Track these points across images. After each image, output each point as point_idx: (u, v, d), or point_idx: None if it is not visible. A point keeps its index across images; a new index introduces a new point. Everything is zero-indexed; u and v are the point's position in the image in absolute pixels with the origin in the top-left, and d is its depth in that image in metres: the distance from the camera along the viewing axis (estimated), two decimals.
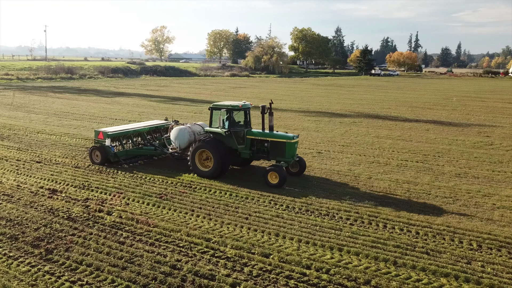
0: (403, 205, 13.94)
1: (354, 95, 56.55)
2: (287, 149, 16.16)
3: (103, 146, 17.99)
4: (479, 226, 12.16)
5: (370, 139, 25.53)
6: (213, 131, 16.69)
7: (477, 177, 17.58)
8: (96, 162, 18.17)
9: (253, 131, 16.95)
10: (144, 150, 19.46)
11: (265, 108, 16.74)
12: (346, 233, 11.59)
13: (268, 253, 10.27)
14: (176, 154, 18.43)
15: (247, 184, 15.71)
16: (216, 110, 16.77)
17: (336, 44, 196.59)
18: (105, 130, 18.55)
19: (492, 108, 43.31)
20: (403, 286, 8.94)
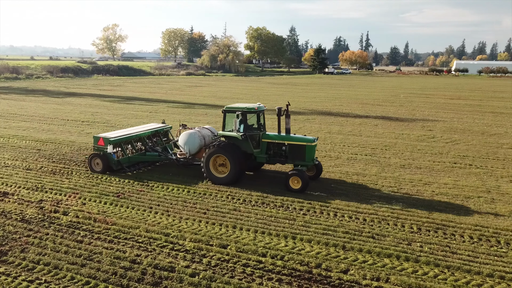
0: (352, 195, 14.88)
1: (308, 93, 58.09)
2: (307, 152, 15.50)
3: (105, 154, 16.72)
4: (419, 212, 13.27)
5: (322, 135, 26.60)
6: (227, 135, 15.88)
7: (419, 167, 18.96)
8: (96, 170, 16.84)
9: (270, 134, 16.24)
10: (147, 156, 18.23)
11: (282, 110, 15.91)
12: (299, 222, 12.28)
13: (226, 244, 10.73)
14: (181, 160, 17.58)
15: (204, 183, 16.08)
16: (230, 113, 16.00)
17: (291, 43, 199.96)
18: (106, 135, 17.25)
19: (435, 104, 46.12)
20: (351, 267, 9.72)
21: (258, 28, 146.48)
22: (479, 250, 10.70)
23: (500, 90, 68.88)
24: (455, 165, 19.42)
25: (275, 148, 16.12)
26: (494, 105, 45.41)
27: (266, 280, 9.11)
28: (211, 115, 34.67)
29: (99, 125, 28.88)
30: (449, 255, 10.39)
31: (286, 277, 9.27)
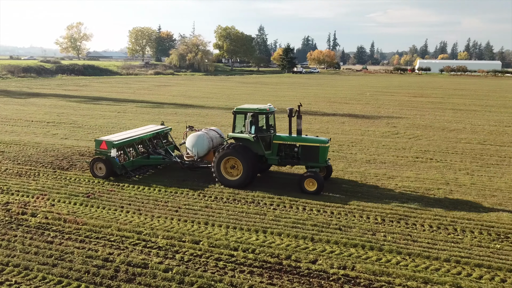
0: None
1: (277, 92, 58.75)
2: (320, 153, 15.35)
3: (108, 158, 15.99)
4: (383, 204, 13.92)
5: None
6: (239, 137, 15.54)
7: (384, 162, 19.77)
8: (99, 176, 16.05)
9: (281, 136, 16.02)
10: (151, 159, 17.61)
11: (293, 111, 15.76)
12: (270, 217, 12.65)
13: (198, 240, 10.95)
14: (186, 163, 17.13)
15: (175, 182, 16.19)
16: (240, 114, 15.77)
17: (260, 42, 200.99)
18: (109, 139, 16.47)
19: (399, 102, 47.78)
20: (319, 257, 10.16)
21: (227, 27, 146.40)
22: (438, 237, 11.40)
23: (460, 88, 72.02)
24: (417, 160, 20.37)
25: (286, 149, 15.91)
26: (454, 102, 47.52)
27: (238, 273, 9.40)
28: (181, 114, 34.60)
29: (66, 126, 28.28)
30: (410, 243, 11.02)
31: (257, 269, 9.60)
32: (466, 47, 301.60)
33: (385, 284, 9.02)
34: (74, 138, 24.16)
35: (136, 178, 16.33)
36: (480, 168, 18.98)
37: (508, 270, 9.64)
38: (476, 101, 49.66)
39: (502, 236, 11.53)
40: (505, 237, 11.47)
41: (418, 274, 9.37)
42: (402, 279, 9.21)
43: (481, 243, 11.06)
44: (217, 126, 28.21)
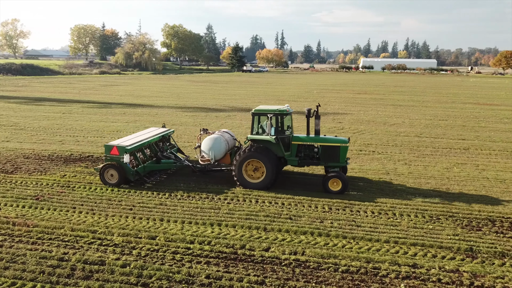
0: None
1: (228, 91, 59.16)
2: (341, 153, 15.42)
3: (121, 164, 15.20)
4: (330, 194, 14.83)
5: (243, 130, 27.70)
6: (259, 139, 15.24)
7: None
8: (111, 183, 15.24)
9: (300, 137, 15.92)
10: (162, 164, 16.94)
11: (311, 111, 15.58)
12: (224, 210, 13.11)
13: (155, 236, 11.18)
14: (198, 166, 16.74)
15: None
16: (258, 116, 15.66)
17: (208, 41, 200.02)
18: (120, 144, 15.62)
19: (345, 99, 49.93)
20: (271, 245, 10.78)
21: (174, 26, 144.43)
22: (379, 222, 12.45)
23: (400, 85, 76.33)
24: (361, 152, 21.69)
25: (306, 150, 15.89)
26: (394, 98, 50.45)
27: (195, 264, 9.78)
28: (130, 114, 34.06)
29: (6, 128, 26.95)
30: (355, 228, 11.95)
31: (213, 259, 10.04)
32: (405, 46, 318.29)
33: (332, 265, 9.80)
34: (17, 141, 23.15)
35: (83, 180, 16.12)
36: (416, 158, 20.60)
37: (439, 247, 10.79)
38: (414, 97, 53.01)
39: (434, 218, 12.79)
40: (436, 218, 12.74)
41: (361, 255, 10.25)
42: (347, 260, 10.04)
43: (416, 225, 12.22)
44: (170, 125, 28.23)
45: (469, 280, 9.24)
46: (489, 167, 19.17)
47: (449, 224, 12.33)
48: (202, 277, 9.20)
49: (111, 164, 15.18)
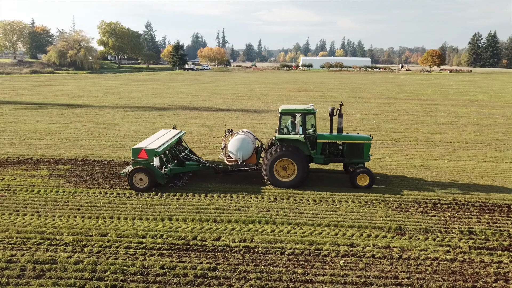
0: (220, 177, 16.61)
1: (170, 89, 58.59)
2: (365, 150, 15.97)
3: (151, 168, 14.74)
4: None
5: (189, 128, 27.93)
6: (288, 138, 15.52)
7: None
8: (140, 188, 14.72)
9: (326, 135, 16.29)
10: (188, 166, 16.60)
11: (334, 109, 16.08)
12: (174, 206, 13.47)
13: (106, 233, 11.31)
14: (221, 167, 16.74)
15: (72, 183, 15.95)
16: (285, 116, 15.86)
17: (148, 39, 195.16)
18: (148, 147, 15.15)
19: (286, 96, 51.54)
20: (222, 235, 11.36)
21: (111, 23, 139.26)
22: (320, 208, 13.48)
23: (337, 82, 79.92)
24: None
25: (330, 148, 16.30)
26: (333, 95, 52.91)
27: (149, 256, 10.11)
28: (68, 115, 32.88)
29: None
30: (298, 215, 12.87)
31: (166, 251, 10.43)
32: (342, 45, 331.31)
33: (279, 249, 10.59)
34: None
35: (24, 182, 15.64)
36: None
37: (373, 228, 11.99)
38: (350, 93, 55.95)
39: (369, 202, 14.08)
40: (371, 203, 14.03)
41: (305, 238, 11.16)
42: (292, 243, 10.89)
43: (353, 210, 13.41)
44: (109, 125, 27.81)
45: (398, 254, 10.45)
46: (416, 156, 21.13)
47: (382, 207, 13.66)
48: (156, 268, 9.56)
49: (141, 168, 14.74)
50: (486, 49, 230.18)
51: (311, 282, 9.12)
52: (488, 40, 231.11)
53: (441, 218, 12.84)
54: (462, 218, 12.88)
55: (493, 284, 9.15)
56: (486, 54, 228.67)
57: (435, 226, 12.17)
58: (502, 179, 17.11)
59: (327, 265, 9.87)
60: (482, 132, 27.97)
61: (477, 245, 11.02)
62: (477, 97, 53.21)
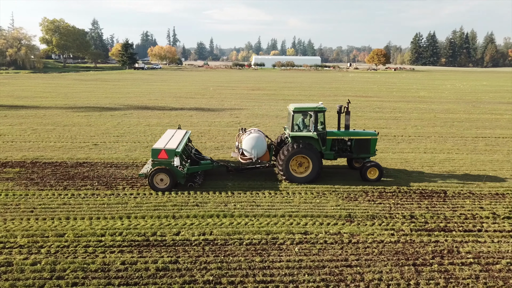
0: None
1: (121, 89, 57.22)
2: (372, 145, 16.83)
3: (171, 168, 14.75)
4: (233, 181, 16.11)
5: (142, 127, 27.68)
6: (301, 135, 16.06)
7: (230, 147, 22.25)
8: (160, 188, 14.75)
9: (335, 132, 16.84)
10: (203, 165, 16.58)
11: (342, 107, 16.69)
12: (132, 204, 13.53)
13: (63, 233, 11.22)
14: (233, 165, 16.97)
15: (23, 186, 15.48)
16: (298, 114, 16.28)
17: (95, 37, 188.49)
18: (168, 147, 15.15)
19: (240, 95, 52.09)
20: (181, 230, 11.64)
21: (54, 20, 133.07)
22: (275, 200, 14.10)
23: (289, 81, 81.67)
24: None
25: (339, 144, 17.03)
26: (285, 94, 54.17)
27: (109, 254, 10.20)
28: (12, 116, 31.39)
29: None
30: (255, 207, 13.40)
31: (126, 247, 10.55)
32: (293, 44, 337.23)
33: (237, 240, 11.05)
34: None
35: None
36: None
37: (325, 216, 12.77)
38: (302, 92, 57.51)
39: (321, 193, 14.89)
40: (322, 194, 14.85)
41: (262, 229, 11.70)
42: (250, 234, 11.40)
43: (306, 201, 14.15)
44: (58, 126, 27.00)
45: (348, 239, 11.27)
46: None
47: (332, 197, 14.52)
48: (117, 264, 9.69)
49: (162, 169, 14.76)
50: (426, 48, 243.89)
51: (269, 269, 9.67)
52: (428, 40, 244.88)
53: (386, 205, 13.90)
54: (404, 204, 14.01)
55: (431, 261, 10.16)
56: (426, 53, 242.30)
57: (381, 213, 13.18)
58: (440, 168, 18.63)
59: (283, 253, 10.46)
60: (423, 126, 30.03)
61: (418, 228, 12.10)
62: (419, 94, 56.64)
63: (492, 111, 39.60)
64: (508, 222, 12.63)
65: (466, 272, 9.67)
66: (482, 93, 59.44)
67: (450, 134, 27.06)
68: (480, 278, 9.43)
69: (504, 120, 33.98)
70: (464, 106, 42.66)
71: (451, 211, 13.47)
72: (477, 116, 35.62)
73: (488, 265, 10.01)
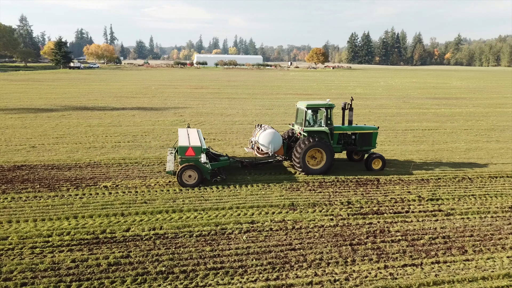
0: (121, 176, 16.75)
1: (56, 89, 54.57)
2: (373, 138, 18.44)
3: (199, 164, 15.35)
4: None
5: (82, 128, 26.91)
6: (316, 130, 17.34)
7: (175, 146, 22.38)
8: (189, 184, 15.36)
9: (341, 126, 18.32)
10: (221, 161, 16.96)
11: (346, 104, 18.43)
12: (78, 204, 13.41)
13: (6, 236, 10.96)
14: (247, 160, 17.60)
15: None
16: (309, 110, 17.34)
17: (24, 34, 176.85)
18: (195, 144, 15.80)
19: (183, 94, 51.85)
20: (131, 226, 11.82)
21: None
22: (223, 194, 14.65)
23: (232, 80, 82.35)
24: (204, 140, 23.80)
25: (345, 138, 18.44)
26: (228, 92, 54.74)
27: (58, 253, 10.17)
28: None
29: None
30: (204, 202, 13.86)
31: (76, 246, 10.57)
32: (235, 43, 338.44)
33: (187, 233, 11.46)
34: None
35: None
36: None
37: (270, 206, 13.54)
38: (245, 90, 58.43)
39: (266, 185, 15.66)
40: (267, 185, 15.63)
41: (211, 221, 12.21)
42: (200, 227, 11.85)
43: (252, 193, 14.84)
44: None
45: (291, 225, 12.10)
46: None
47: (277, 188, 15.35)
48: (67, 262, 9.72)
49: (191, 165, 15.29)
50: (362, 47, 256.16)
51: (219, 257, 10.20)
52: (363, 39, 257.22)
53: (326, 193, 14.97)
54: (342, 192, 15.18)
55: (365, 240, 11.26)
56: (362, 52, 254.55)
57: (321, 200, 14.20)
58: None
59: (232, 241, 11.04)
60: (359, 121, 31.97)
61: (354, 212, 13.25)
62: (355, 91, 59.80)
63: (420, 106, 43.00)
64: (431, 203, 14.19)
65: (395, 248, 10.86)
66: (411, 90, 64.05)
67: (383, 127, 29.15)
68: (406, 252, 10.65)
69: (430, 114, 37.11)
70: (396, 102, 45.85)
71: (383, 196, 14.83)
72: (406, 111, 38.55)
73: (414, 241, 11.29)
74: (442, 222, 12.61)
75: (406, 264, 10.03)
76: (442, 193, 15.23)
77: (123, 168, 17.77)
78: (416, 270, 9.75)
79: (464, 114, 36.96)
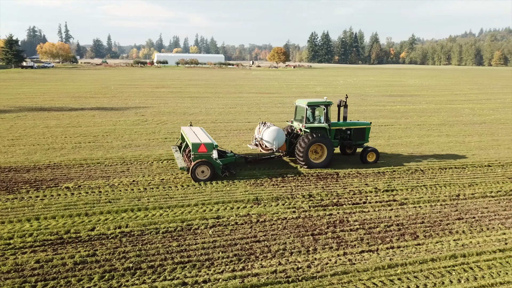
0: (84, 176, 16.54)
1: (9, 90, 52.22)
2: (366, 133, 19.69)
3: (211, 160, 15.94)
4: (145, 177, 16.42)
5: (40, 129, 26.10)
6: (316, 127, 18.23)
7: (138, 145, 22.26)
8: (202, 179, 15.89)
9: (338, 123, 19.43)
10: (228, 158, 17.44)
11: (342, 101, 19.66)
12: (39, 206, 13.17)
13: None
14: (250, 157, 18.38)
15: None
16: (309, 108, 18.21)
17: None
18: (205, 141, 16.38)
19: (144, 93, 51.10)
20: (96, 225, 11.80)
21: None
22: (188, 192, 14.84)
23: (194, 79, 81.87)
24: (166, 140, 23.81)
25: (341, 133, 19.59)
26: (190, 91, 54.50)
27: (21, 255, 10.03)
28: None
29: None
30: (169, 200, 14.00)
31: (39, 247, 10.45)
32: (196, 41, 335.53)
33: (154, 230, 11.60)
34: None
35: None
36: (215, 139, 23.92)
37: (235, 201, 13.90)
38: (208, 89, 58.38)
39: (230, 181, 15.99)
40: (232, 182, 15.97)
41: (177, 218, 12.39)
42: (166, 223, 12.02)
43: (217, 189, 15.13)
44: None
45: (256, 219, 12.52)
46: None
47: (241, 184, 15.73)
48: (31, 263, 9.63)
49: (204, 161, 15.83)
50: (321, 47, 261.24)
51: (186, 251, 10.44)
52: (322, 39, 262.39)
53: (288, 187, 15.52)
54: (304, 186, 15.78)
55: (326, 230, 11.86)
56: (322, 51, 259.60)
57: (284, 194, 14.72)
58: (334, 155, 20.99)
59: (198, 236, 11.30)
60: None
61: (315, 204, 13.85)
62: (316, 89, 61.25)
63: (377, 103, 44.79)
64: (386, 194, 15.06)
65: (354, 236, 11.53)
66: (369, 87, 66.39)
67: None
68: (364, 239, 11.34)
69: (386, 110, 38.78)
70: (354, 99, 47.45)
71: (342, 188, 15.57)
72: (364, 108, 40.06)
73: (371, 229, 12.02)
74: (397, 211, 13.47)
75: (364, 251, 10.69)
76: (396, 184, 16.18)
77: (85, 169, 17.52)
78: (373, 256, 10.43)
79: (418, 111, 38.92)
